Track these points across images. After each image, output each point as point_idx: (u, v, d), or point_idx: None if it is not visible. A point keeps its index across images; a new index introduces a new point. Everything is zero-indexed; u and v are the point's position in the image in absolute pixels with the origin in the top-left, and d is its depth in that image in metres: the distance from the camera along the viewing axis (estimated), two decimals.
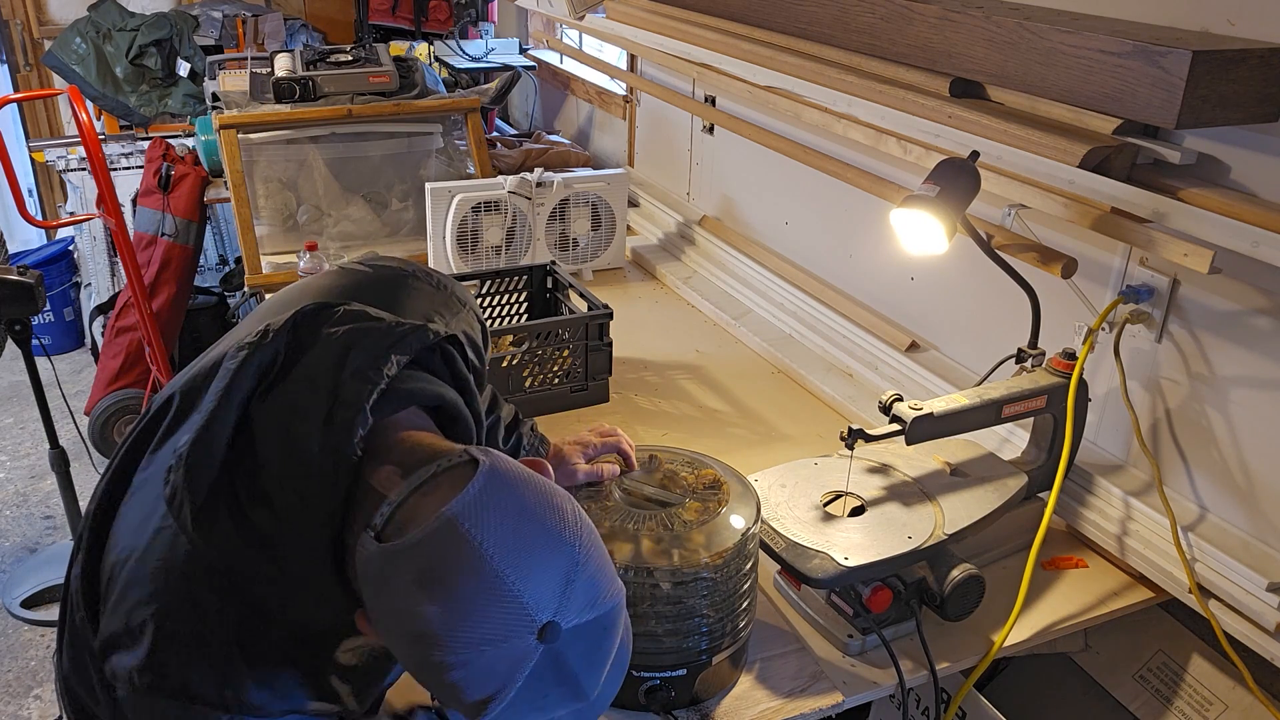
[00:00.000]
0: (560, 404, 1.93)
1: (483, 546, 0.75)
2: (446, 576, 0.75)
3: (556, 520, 0.79)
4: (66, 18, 4.26)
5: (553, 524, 0.79)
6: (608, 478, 1.28)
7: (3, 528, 3.16)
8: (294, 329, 0.92)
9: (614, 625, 0.81)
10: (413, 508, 0.79)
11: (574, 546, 0.79)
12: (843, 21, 1.72)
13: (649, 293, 2.53)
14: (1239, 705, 1.44)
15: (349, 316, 0.95)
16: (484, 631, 0.74)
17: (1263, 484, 1.39)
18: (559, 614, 0.76)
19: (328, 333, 0.92)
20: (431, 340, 0.96)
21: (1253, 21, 1.27)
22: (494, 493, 0.78)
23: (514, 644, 0.75)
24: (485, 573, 0.75)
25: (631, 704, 1.22)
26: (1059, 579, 1.51)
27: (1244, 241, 1.23)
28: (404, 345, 0.93)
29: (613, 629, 0.81)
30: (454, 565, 0.75)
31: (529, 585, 0.75)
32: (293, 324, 0.92)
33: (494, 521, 0.77)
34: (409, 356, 0.93)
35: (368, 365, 0.89)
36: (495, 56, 4.09)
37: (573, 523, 0.80)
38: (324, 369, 0.89)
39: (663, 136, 3.00)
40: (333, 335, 0.92)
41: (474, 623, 0.74)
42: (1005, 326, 1.74)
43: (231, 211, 2.63)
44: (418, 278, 1.11)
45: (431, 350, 0.97)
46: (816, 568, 1.27)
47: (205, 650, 0.84)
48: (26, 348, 2.32)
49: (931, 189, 1.40)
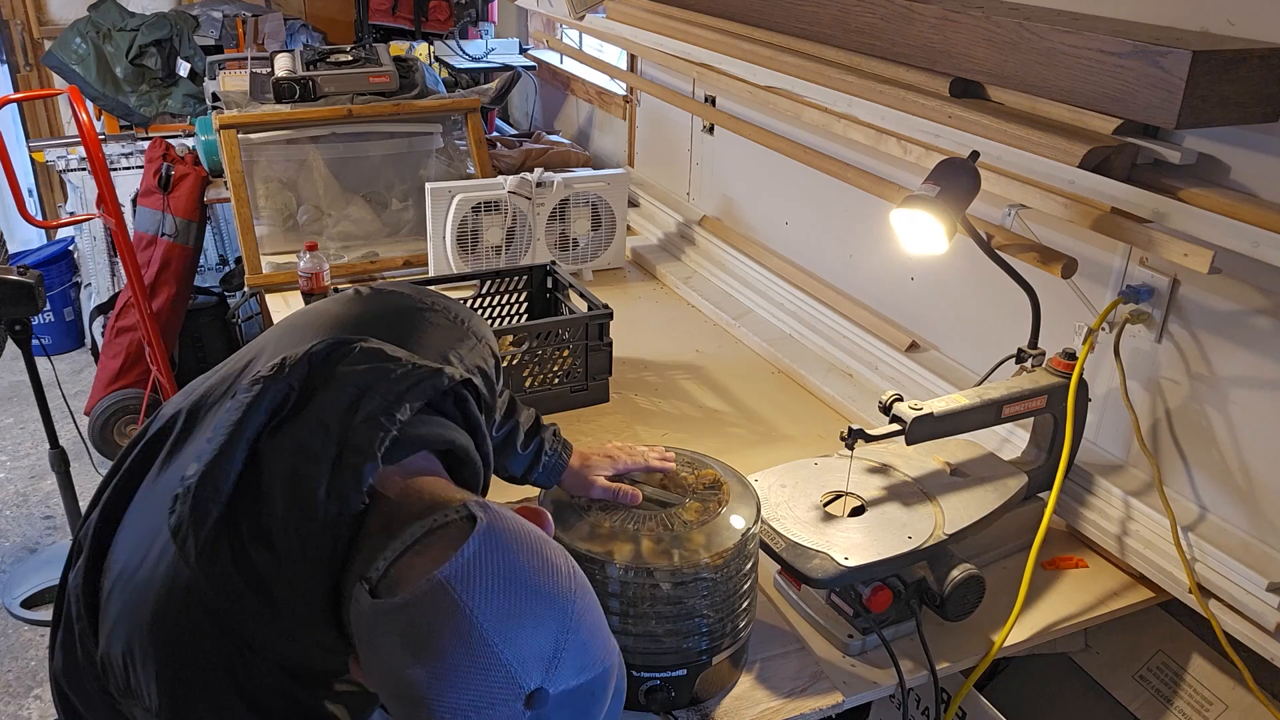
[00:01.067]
0: (560, 404, 1.93)
1: (473, 614, 0.74)
2: (434, 641, 0.74)
3: (550, 585, 0.78)
4: (66, 18, 4.26)
5: (546, 589, 0.78)
6: (624, 502, 1.26)
7: (3, 528, 3.16)
8: (310, 364, 0.91)
9: (603, 689, 0.80)
10: (406, 566, 0.79)
11: (566, 613, 0.77)
12: (843, 21, 1.72)
13: (649, 293, 2.53)
14: (1239, 705, 1.44)
15: (365, 355, 0.94)
16: (470, 698, 0.73)
17: (1263, 484, 1.39)
18: (547, 681, 0.75)
19: (342, 371, 0.92)
20: (446, 386, 0.95)
21: (1253, 21, 1.27)
22: (488, 554, 0.77)
23: (499, 710, 0.74)
24: (474, 639, 0.74)
25: (631, 704, 1.22)
26: (1059, 579, 1.51)
27: (1244, 241, 1.23)
28: (418, 391, 0.92)
29: (601, 693, 0.80)
30: (441, 629, 0.74)
31: (518, 653, 0.74)
32: (309, 361, 0.91)
33: (485, 586, 0.76)
34: (423, 401, 0.92)
35: (380, 411, 0.88)
36: (495, 56, 4.10)
37: (566, 586, 0.79)
38: (336, 412, 0.88)
39: (663, 136, 3.00)
40: (347, 375, 0.91)
41: (460, 689, 0.73)
42: (1005, 326, 1.74)
43: (231, 211, 2.63)
44: (435, 310, 1.09)
45: (445, 394, 0.96)
46: (816, 568, 1.27)
47: (204, 681, 0.85)
48: (26, 348, 2.32)
49: (931, 189, 1.40)
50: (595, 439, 1.81)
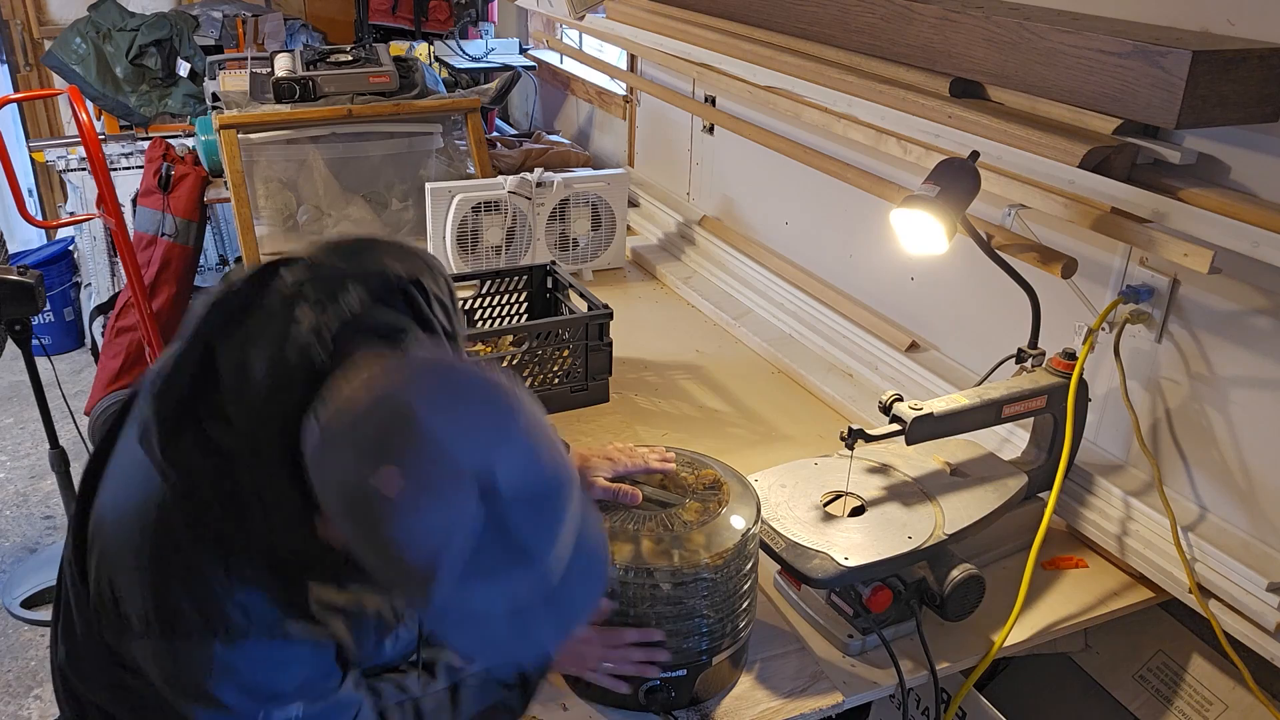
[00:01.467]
0: (560, 404, 1.93)
1: (418, 415, 0.78)
2: (385, 447, 0.78)
3: (491, 388, 0.83)
4: (66, 18, 4.26)
5: (487, 392, 0.83)
6: (624, 502, 1.26)
7: (3, 528, 3.16)
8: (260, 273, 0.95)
9: (561, 494, 0.83)
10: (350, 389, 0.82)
11: (508, 414, 0.82)
12: (843, 21, 1.72)
13: (649, 293, 2.53)
14: (1239, 705, 1.44)
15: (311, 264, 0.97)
16: (428, 498, 0.77)
17: (1263, 484, 1.39)
18: (498, 478, 0.78)
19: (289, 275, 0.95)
20: (392, 278, 0.97)
21: (1253, 21, 1.27)
22: (427, 367, 0.83)
23: (456, 509, 0.77)
24: (422, 438, 0.77)
25: (631, 704, 1.22)
26: (1059, 579, 1.51)
27: (1244, 241, 1.23)
28: (363, 279, 0.94)
29: (559, 497, 0.83)
30: (390, 434, 0.78)
31: (465, 450, 0.78)
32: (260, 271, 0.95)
33: (428, 388, 0.80)
34: (367, 290, 0.94)
35: (325, 295, 0.91)
36: (495, 56, 4.09)
37: (508, 391, 0.84)
38: (281, 300, 0.91)
39: (663, 136, 3.00)
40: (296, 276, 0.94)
41: (415, 489, 0.77)
42: (1005, 326, 1.74)
43: (231, 211, 2.63)
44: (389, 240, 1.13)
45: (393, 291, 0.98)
46: (816, 568, 1.27)
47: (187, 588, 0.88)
48: (26, 348, 2.32)
49: (931, 189, 1.40)
50: (595, 439, 1.81)
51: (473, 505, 0.77)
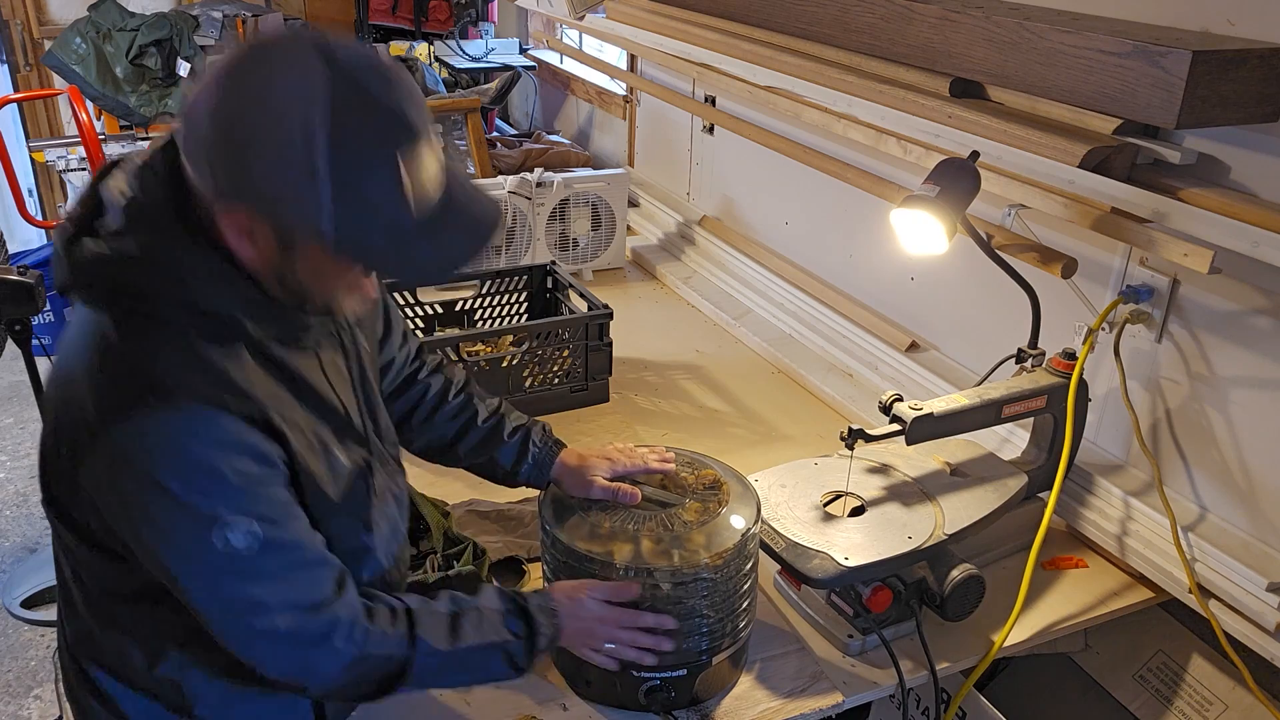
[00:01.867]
0: (560, 404, 1.93)
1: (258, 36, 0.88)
2: (227, 59, 0.86)
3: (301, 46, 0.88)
4: (66, 18, 4.26)
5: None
6: (624, 501, 1.26)
7: (3, 528, 3.16)
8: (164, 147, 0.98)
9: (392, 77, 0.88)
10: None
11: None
12: (843, 21, 1.72)
13: (649, 293, 2.53)
14: (1239, 705, 1.44)
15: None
16: (278, 67, 0.84)
17: (1263, 484, 1.39)
18: (332, 41, 0.86)
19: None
20: None
21: (1253, 21, 1.27)
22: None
23: (296, 68, 0.84)
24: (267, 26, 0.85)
25: (631, 704, 1.22)
26: (1059, 579, 1.51)
27: (1244, 241, 1.23)
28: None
29: (397, 69, 0.89)
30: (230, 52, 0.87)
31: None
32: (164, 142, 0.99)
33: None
34: None
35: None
36: (495, 56, 4.10)
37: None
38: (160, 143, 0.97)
39: (663, 136, 3.00)
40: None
41: (250, 71, 0.85)
42: (1005, 326, 1.74)
43: None
44: None
45: None
46: (816, 568, 1.27)
47: (124, 372, 0.91)
48: (26, 348, 2.32)
49: (931, 189, 1.40)
50: (595, 439, 1.81)
51: (318, 66, 0.84)
